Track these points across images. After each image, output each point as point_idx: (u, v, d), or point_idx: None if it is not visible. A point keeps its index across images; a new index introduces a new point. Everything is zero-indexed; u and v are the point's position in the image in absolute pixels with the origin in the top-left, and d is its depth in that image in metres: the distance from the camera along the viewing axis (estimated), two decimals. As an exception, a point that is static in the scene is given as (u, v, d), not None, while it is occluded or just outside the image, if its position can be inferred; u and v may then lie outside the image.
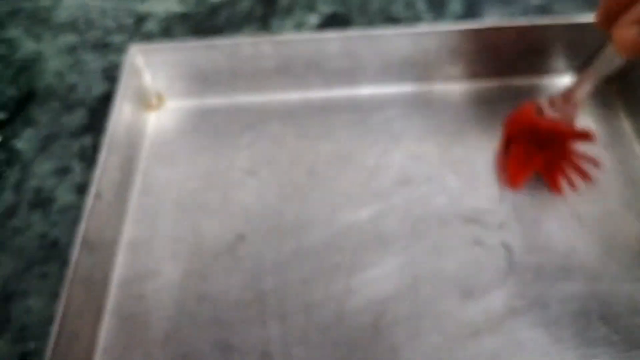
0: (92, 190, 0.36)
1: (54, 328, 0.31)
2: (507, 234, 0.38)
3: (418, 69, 0.46)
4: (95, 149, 0.45)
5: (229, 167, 0.43)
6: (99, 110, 0.48)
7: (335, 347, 0.34)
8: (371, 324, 0.35)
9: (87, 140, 0.46)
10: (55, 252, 0.40)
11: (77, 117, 0.48)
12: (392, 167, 0.42)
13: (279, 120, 0.46)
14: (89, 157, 0.45)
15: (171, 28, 0.54)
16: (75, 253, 0.33)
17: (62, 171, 0.44)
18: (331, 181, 0.42)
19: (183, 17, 0.55)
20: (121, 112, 0.41)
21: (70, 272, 0.33)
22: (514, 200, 0.40)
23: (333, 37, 0.44)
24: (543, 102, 0.39)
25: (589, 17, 0.42)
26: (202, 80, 0.46)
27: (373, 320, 0.35)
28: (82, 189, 0.43)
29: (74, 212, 0.42)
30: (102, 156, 0.38)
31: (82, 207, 0.38)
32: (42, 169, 0.45)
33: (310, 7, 0.54)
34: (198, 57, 0.44)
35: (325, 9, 0.54)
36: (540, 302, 0.35)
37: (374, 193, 0.41)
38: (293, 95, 0.47)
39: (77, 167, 0.44)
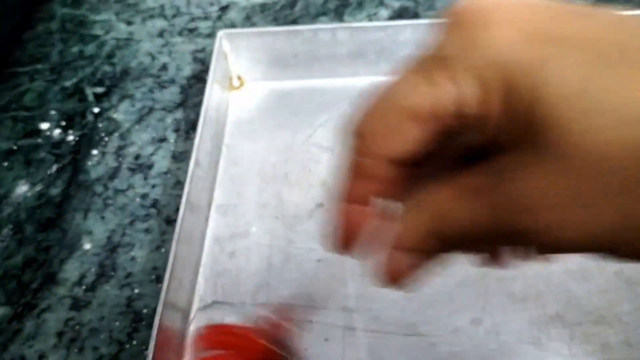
0: (193, 158, 0.40)
1: (166, 277, 0.35)
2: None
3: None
4: (186, 122, 0.50)
5: (305, 143, 0.47)
6: (188, 88, 0.53)
7: (410, 302, 0.38)
8: (442, 284, 0.38)
9: (179, 114, 0.51)
10: (155, 210, 0.44)
11: (170, 94, 0.53)
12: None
13: (351, 102, 0.49)
14: (182, 130, 0.49)
15: (252, 17, 0.59)
16: (181, 212, 0.38)
17: (159, 140, 0.49)
18: (401, 157, 0.45)
19: (263, 7, 0.60)
20: (213, 91, 0.45)
21: (177, 229, 0.37)
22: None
23: (404, 25, 0.47)
24: None
25: None
26: (280, 64, 0.50)
27: (444, 280, 0.39)
28: (176, 157, 0.47)
29: (170, 177, 0.46)
30: (199, 128, 0.42)
31: (180, 172, 0.43)
32: (140, 138, 0.49)
33: (381, 1, 0.58)
34: (278, 42, 0.49)
35: (395, 3, 0.58)
36: (598, 269, 0.38)
37: (441, 169, 0.44)
38: (364, 79, 0.50)
39: (171, 137, 0.49)
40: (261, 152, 0.47)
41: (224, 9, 0.60)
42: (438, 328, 0.37)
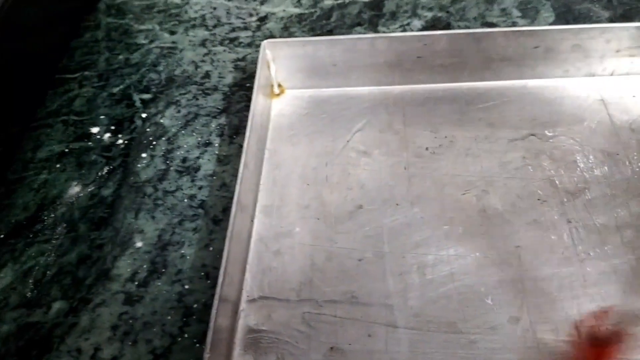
0: (242, 160, 0.42)
1: (220, 274, 0.37)
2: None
3: (514, 66, 0.51)
4: (230, 127, 0.52)
5: (344, 148, 0.49)
6: (230, 95, 0.55)
7: (449, 300, 0.39)
8: (480, 283, 0.40)
9: (222, 119, 0.53)
10: (202, 211, 0.46)
11: (213, 100, 0.55)
12: (491, 151, 0.47)
13: (386, 109, 0.51)
14: (226, 135, 0.52)
15: (289, 27, 0.61)
16: (232, 212, 0.40)
17: (204, 144, 0.51)
18: (437, 162, 0.47)
19: (299, 18, 0.62)
20: (258, 98, 0.47)
21: (229, 228, 0.39)
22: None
23: (440, 35, 0.49)
24: None
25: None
26: (320, 72, 0.52)
27: (481, 279, 0.40)
28: (221, 160, 0.50)
29: (216, 179, 0.48)
30: (247, 132, 0.44)
31: (225, 175, 0.45)
32: (186, 142, 0.52)
33: (414, 12, 0.61)
34: (318, 51, 0.51)
35: (428, 14, 0.60)
36: (633, 271, 0.39)
37: (477, 174, 0.46)
38: (400, 88, 0.52)
39: (216, 142, 0.51)
40: (302, 156, 0.49)
41: (262, 19, 0.63)
42: (476, 326, 0.38)
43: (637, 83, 0.51)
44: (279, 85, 0.53)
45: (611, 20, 0.57)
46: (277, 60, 0.52)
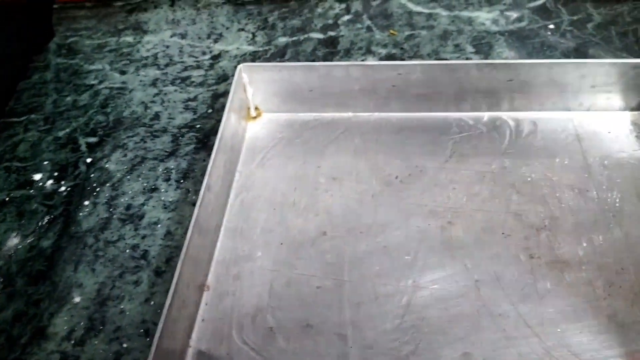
0: (205, 182, 0.42)
1: (169, 294, 0.37)
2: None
3: (489, 98, 0.51)
4: (177, 171, 0.51)
5: (315, 173, 0.49)
6: (180, 137, 0.54)
7: (403, 333, 0.39)
8: (436, 317, 0.39)
9: (170, 163, 0.52)
10: (145, 262, 0.45)
11: (161, 143, 0.54)
12: (460, 182, 0.47)
13: (361, 136, 0.51)
14: (172, 179, 0.50)
15: None
16: (189, 234, 0.40)
17: (150, 190, 0.50)
18: (406, 192, 0.47)
19: (253, 55, 0.62)
20: (229, 120, 0.48)
21: (183, 250, 0.39)
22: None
23: (414, 65, 0.49)
24: None
25: None
26: (296, 97, 0.52)
27: (437, 313, 0.40)
28: (167, 207, 0.48)
29: (160, 227, 0.47)
30: (213, 154, 0.44)
31: (170, 222, 0.45)
32: (131, 188, 0.50)
33: (368, 49, 0.61)
34: (295, 77, 0.51)
35: (382, 50, 0.61)
36: (592, 311, 0.39)
37: (443, 204, 0.46)
38: (375, 115, 0.52)
39: (162, 187, 0.50)
40: (272, 180, 0.49)
41: (215, 57, 0.62)
42: (429, 360, 0.38)
43: (613, 119, 0.51)
44: (256, 109, 0.54)
45: (565, 55, 0.58)
46: (253, 83, 0.52)
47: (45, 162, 0.53)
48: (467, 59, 0.58)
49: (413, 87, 0.50)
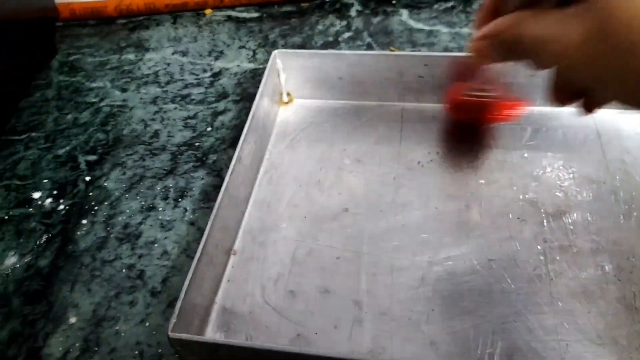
0: (236, 154, 0.45)
1: (198, 251, 0.39)
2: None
3: (514, 91, 0.52)
4: (175, 190, 0.51)
5: (340, 155, 0.52)
6: (178, 155, 0.55)
7: (416, 303, 0.41)
8: (448, 290, 0.41)
9: (169, 181, 0.52)
10: (141, 282, 0.45)
11: (160, 161, 0.54)
12: (480, 169, 0.49)
13: (385, 124, 0.54)
14: (170, 198, 0.51)
15: (242, 83, 0.62)
16: (219, 199, 0.43)
17: (147, 209, 0.50)
18: (426, 176, 0.49)
19: (254, 73, 0.63)
20: (261, 102, 0.51)
21: (212, 214, 0.42)
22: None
23: (443, 56, 0.52)
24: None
25: None
26: (327, 84, 0.55)
27: (450, 287, 0.41)
28: (164, 226, 0.49)
29: (157, 246, 0.47)
30: (245, 130, 0.47)
31: (167, 242, 0.47)
32: (129, 207, 0.50)
33: None
34: (325, 65, 0.54)
35: None
36: (600, 293, 0.40)
37: (462, 189, 0.48)
38: (402, 105, 0.55)
39: (160, 205, 0.50)
40: (299, 160, 0.51)
41: (216, 74, 0.64)
42: (439, 329, 0.39)
43: (633, 116, 0.52)
44: (288, 94, 0.57)
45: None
46: (288, 70, 0.55)
47: (45, 181, 0.54)
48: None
49: (438, 79, 0.53)
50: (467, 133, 0.52)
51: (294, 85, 0.56)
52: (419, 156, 0.51)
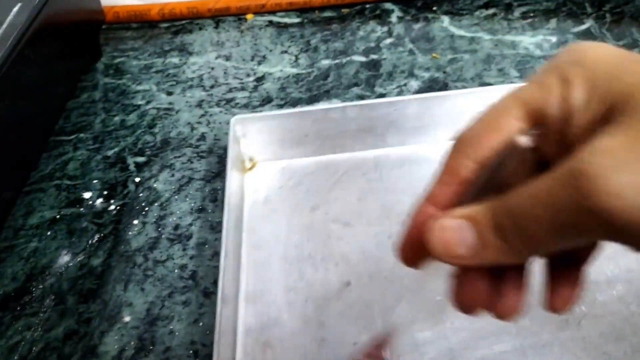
0: (223, 251, 0.40)
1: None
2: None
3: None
4: (224, 192, 0.48)
5: (324, 220, 0.47)
6: (226, 158, 0.52)
7: (452, 380, 0.38)
8: (480, 357, 0.38)
9: (217, 184, 0.52)
10: (193, 282, 0.45)
11: (207, 164, 0.54)
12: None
13: (363, 176, 0.50)
14: (219, 200, 0.50)
15: (286, 87, 0.62)
16: (218, 306, 0.38)
17: (197, 210, 0.50)
18: (421, 229, 0.46)
19: (296, 78, 0.63)
20: (232, 177, 0.46)
21: (217, 324, 0.37)
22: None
23: (409, 100, 0.49)
24: None
25: None
26: (292, 143, 0.51)
27: (482, 353, 0.39)
28: (214, 227, 0.48)
29: (208, 247, 0.47)
30: (225, 217, 0.42)
31: (217, 243, 0.45)
32: (179, 208, 0.50)
33: (411, 72, 0.61)
34: (288, 124, 0.50)
35: (425, 74, 0.61)
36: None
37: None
38: (374, 152, 0.52)
39: (209, 207, 0.50)
40: (281, 234, 0.47)
41: (259, 79, 0.63)
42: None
43: None
44: (251, 159, 0.52)
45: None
46: (247, 135, 0.50)
47: (95, 181, 0.54)
48: (511, 82, 0.59)
49: (410, 121, 0.50)
50: None
51: (255, 149, 0.51)
52: (407, 207, 0.47)
